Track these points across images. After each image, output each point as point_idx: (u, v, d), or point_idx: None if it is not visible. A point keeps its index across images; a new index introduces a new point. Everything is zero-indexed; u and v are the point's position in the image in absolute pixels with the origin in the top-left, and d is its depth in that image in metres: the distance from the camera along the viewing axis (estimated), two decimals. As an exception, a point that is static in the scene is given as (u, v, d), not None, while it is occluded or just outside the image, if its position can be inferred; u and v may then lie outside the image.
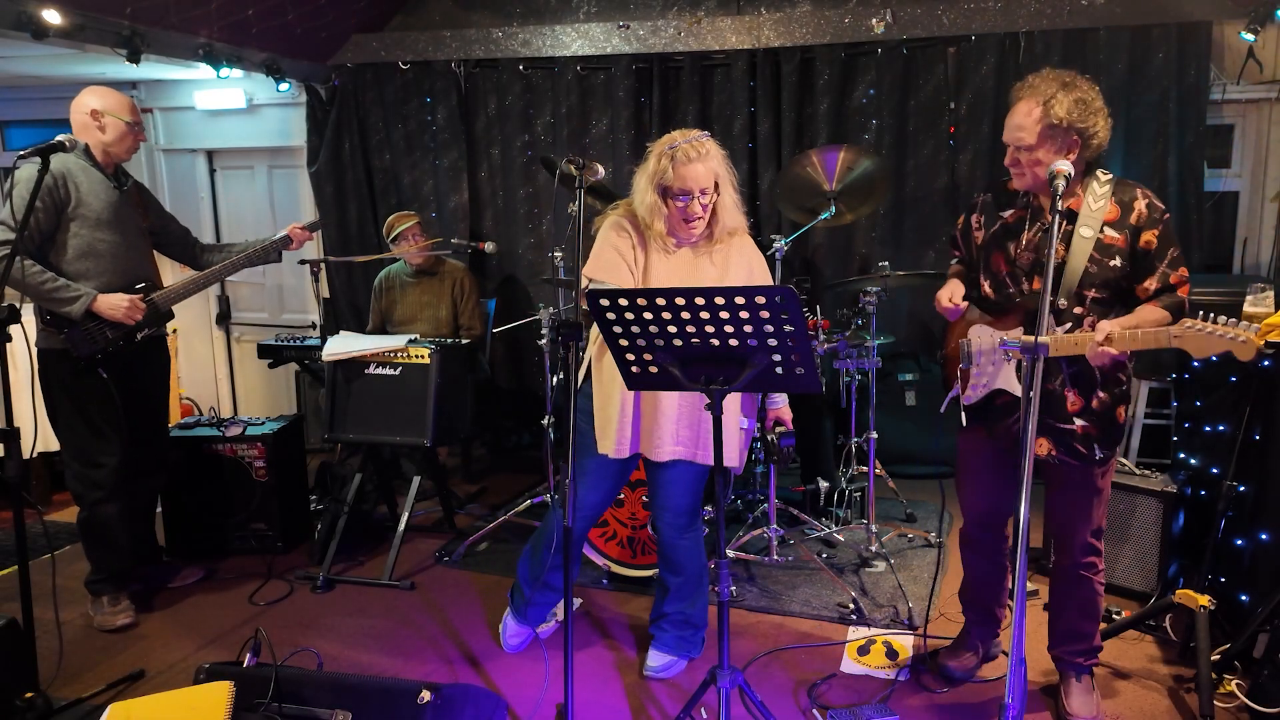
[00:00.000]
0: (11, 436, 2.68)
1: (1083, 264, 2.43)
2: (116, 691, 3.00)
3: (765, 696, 2.81)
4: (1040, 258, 2.48)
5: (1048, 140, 2.39)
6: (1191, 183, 4.42)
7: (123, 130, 3.38)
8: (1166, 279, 2.41)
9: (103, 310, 3.28)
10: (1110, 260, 2.43)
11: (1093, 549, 2.66)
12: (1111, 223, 2.43)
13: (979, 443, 2.74)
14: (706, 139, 2.69)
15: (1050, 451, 2.57)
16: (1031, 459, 2.03)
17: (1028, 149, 2.42)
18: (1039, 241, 2.51)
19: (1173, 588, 3.21)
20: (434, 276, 4.79)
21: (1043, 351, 2.03)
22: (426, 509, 4.56)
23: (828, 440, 4.38)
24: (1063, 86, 2.38)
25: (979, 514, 2.84)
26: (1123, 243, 2.42)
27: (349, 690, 2.38)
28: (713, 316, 2.15)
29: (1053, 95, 2.37)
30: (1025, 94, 2.43)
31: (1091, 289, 2.45)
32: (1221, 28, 4.33)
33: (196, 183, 6.07)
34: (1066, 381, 2.51)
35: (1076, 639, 2.75)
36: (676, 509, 2.92)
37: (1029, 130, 2.40)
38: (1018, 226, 2.57)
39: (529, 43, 5.21)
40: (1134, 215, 2.42)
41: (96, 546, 3.45)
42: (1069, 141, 2.39)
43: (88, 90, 3.38)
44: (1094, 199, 2.44)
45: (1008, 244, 2.58)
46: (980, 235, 2.68)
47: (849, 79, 4.84)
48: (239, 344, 6.24)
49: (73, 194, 3.25)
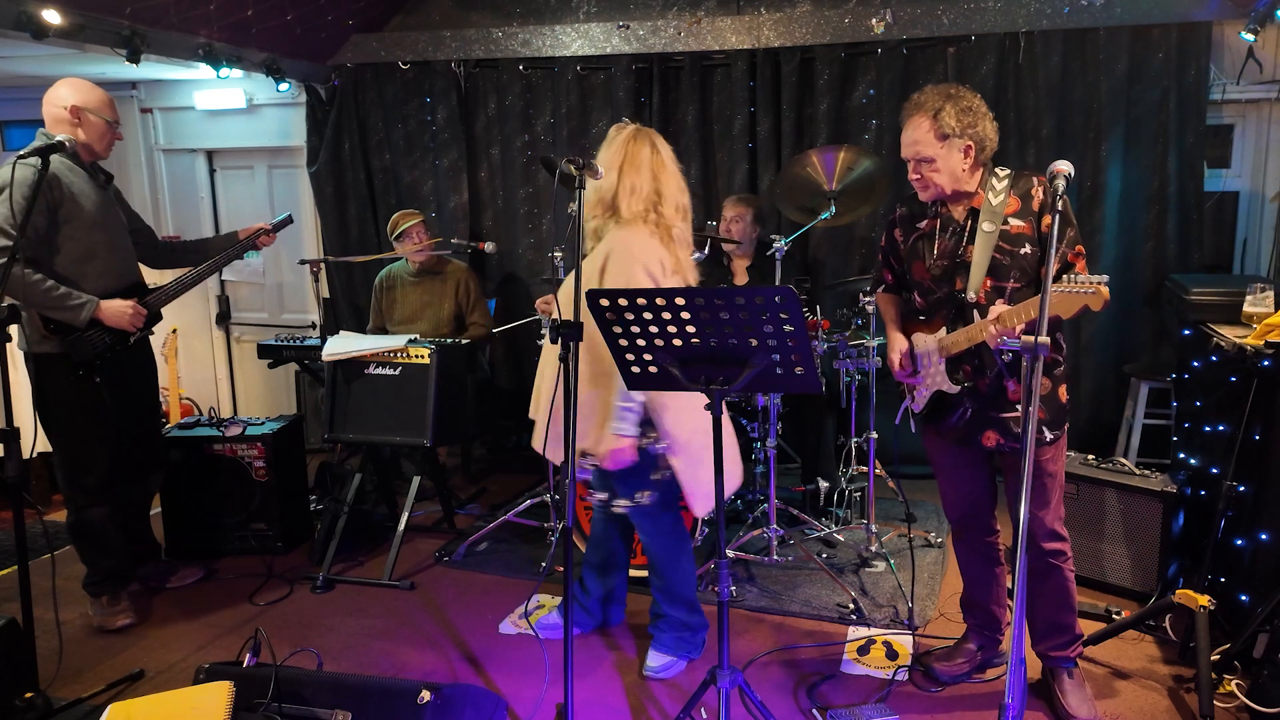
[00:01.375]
0: (11, 436, 2.67)
1: (987, 257, 2.54)
2: (116, 691, 3.00)
3: (765, 696, 2.81)
4: (955, 259, 2.62)
5: (941, 149, 2.54)
6: (1191, 183, 4.42)
7: (103, 129, 3.31)
8: (1064, 258, 2.52)
9: (108, 318, 3.26)
10: (1020, 249, 2.55)
11: (1056, 535, 2.71)
12: (1015, 213, 2.56)
13: (937, 443, 2.85)
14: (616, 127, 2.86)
15: (999, 441, 2.65)
16: (1031, 459, 2.04)
17: (927, 161, 2.57)
18: (950, 246, 2.63)
19: (1173, 588, 3.21)
20: (437, 276, 4.79)
21: (1042, 351, 2.03)
22: (426, 509, 4.56)
23: (828, 440, 4.38)
24: (948, 98, 2.55)
25: (955, 510, 2.92)
26: (1029, 230, 2.55)
27: (349, 690, 2.38)
28: (712, 316, 2.15)
29: (940, 107, 2.53)
30: (913, 111, 2.59)
31: (1009, 280, 2.55)
32: (1221, 28, 4.33)
33: (196, 183, 6.06)
34: (1004, 373, 2.60)
35: (1057, 631, 2.78)
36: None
37: (924, 143, 2.55)
38: (930, 235, 2.69)
39: (529, 43, 5.21)
40: (1034, 202, 2.56)
41: (88, 548, 3.45)
42: (963, 148, 2.54)
43: (64, 83, 3.27)
44: (993, 195, 2.58)
45: (924, 252, 2.70)
46: (904, 248, 2.79)
47: (849, 79, 4.84)
48: (239, 344, 6.24)
49: (64, 195, 3.18)
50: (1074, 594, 2.76)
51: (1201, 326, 3.56)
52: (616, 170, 2.77)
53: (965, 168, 2.58)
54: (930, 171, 2.58)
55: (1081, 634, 2.82)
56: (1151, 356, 4.56)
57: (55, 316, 3.20)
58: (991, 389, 2.63)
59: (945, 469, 2.88)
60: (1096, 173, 4.51)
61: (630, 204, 2.76)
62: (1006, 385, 2.62)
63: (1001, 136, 4.63)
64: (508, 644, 3.31)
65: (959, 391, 2.66)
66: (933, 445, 2.88)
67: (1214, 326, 3.48)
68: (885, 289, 2.97)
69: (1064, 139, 4.53)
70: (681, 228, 2.85)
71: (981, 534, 2.89)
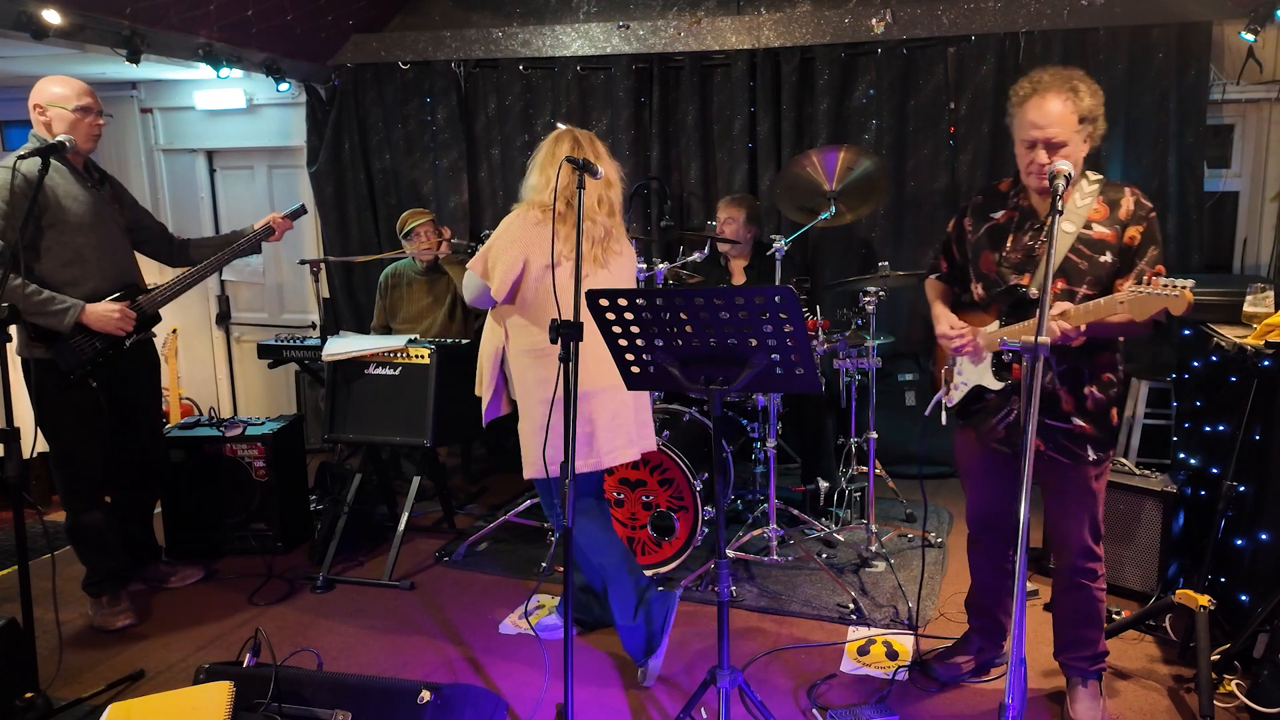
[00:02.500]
0: (11, 437, 2.67)
1: (1061, 257, 2.42)
2: (116, 691, 3.00)
3: (765, 696, 2.81)
4: (1028, 255, 2.49)
5: (1075, 133, 2.35)
6: (1191, 183, 4.42)
7: (70, 119, 3.16)
8: (1142, 277, 2.37)
9: (92, 322, 3.18)
10: (1101, 256, 2.42)
11: (1090, 554, 2.63)
12: (1100, 220, 2.43)
13: (970, 444, 2.74)
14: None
15: (1039, 447, 2.53)
16: (1031, 458, 2.02)
17: (1058, 145, 2.34)
18: (1026, 240, 2.51)
19: (1173, 588, 3.21)
20: (444, 274, 4.79)
21: (1043, 351, 2.02)
22: (426, 509, 4.56)
23: (828, 440, 4.38)
24: (1078, 78, 2.35)
25: (979, 515, 2.84)
26: (1113, 238, 2.42)
27: (349, 690, 2.38)
28: (712, 317, 2.15)
29: (1075, 86, 2.33)
30: (1043, 89, 2.35)
31: (1082, 285, 2.43)
32: (1221, 28, 4.33)
33: (196, 183, 6.07)
34: (1056, 379, 2.49)
35: (1079, 645, 2.74)
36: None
37: (1062, 124, 2.33)
38: (1007, 226, 2.56)
39: (529, 43, 5.21)
40: (1121, 211, 2.42)
41: (86, 550, 3.45)
42: (1088, 134, 2.37)
43: (37, 84, 3.17)
44: (1080, 196, 2.45)
45: (998, 243, 2.57)
46: (972, 237, 2.68)
47: (849, 79, 4.84)
48: (239, 344, 6.24)
49: (48, 199, 3.10)
50: (1102, 613, 2.70)
51: (1201, 326, 3.56)
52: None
53: (1081, 157, 2.39)
54: (1059, 157, 2.34)
55: (1105, 651, 2.76)
56: (1151, 356, 4.55)
57: (39, 322, 3.12)
58: (1042, 394, 2.42)
59: (973, 473, 2.78)
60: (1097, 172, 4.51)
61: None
62: (1059, 393, 2.50)
63: (1001, 136, 4.70)
64: (508, 644, 3.31)
65: (1002, 390, 2.56)
66: (964, 446, 2.77)
67: (1214, 326, 3.48)
68: (938, 277, 2.83)
69: (1064, 139, 4.52)
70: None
71: (1000, 544, 2.81)
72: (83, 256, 3.22)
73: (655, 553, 3.75)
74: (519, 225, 2.87)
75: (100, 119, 3.29)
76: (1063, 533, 2.66)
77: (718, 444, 2.37)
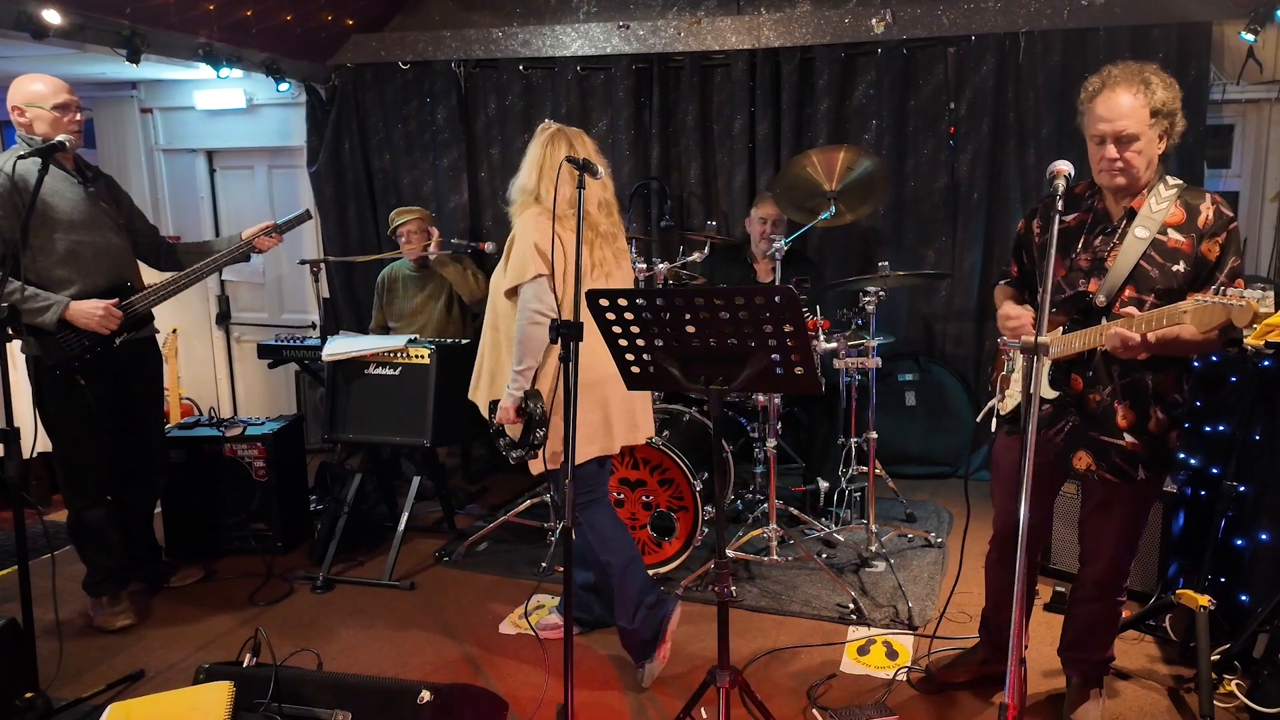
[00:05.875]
0: (11, 436, 2.67)
1: (1131, 264, 2.31)
2: (116, 691, 3.00)
3: (765, 696, 2.80)
4: (1095, 261, 2.40)
5: (1148, 128, 2.26)
6: (1191, 183, 4.40)
7: (50, 117, 3.14)
8: (1221, 290, 2.24)
9: (76, 319, 3.18)
10: (1174, 265, 2.29)
11: (1123, 571, 2.58)
12: (1176, 226, 2.31)
13: (1014, 452, 2.57)
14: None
15: (1090, 466, 2.45)
16: (1032, 458, 1.95)
17: (1130, 139, 2.25)
18: (1096, 244, 2.41)
19: (1173, 588, 3.21)
20: (436, 272, 4.79)
21: (1043, 351, 1.99)
22: (426, 509, 4.57)
23: (828, 440, 4.38)
24: (1151, 71, 2.28)
25: (1006, 528, 2.70)
26: (1188, 247, 2.29)
27: (349, 690, 2.38)
28: (712, 317, 2.15)
29: (1148, 79, 2.25)
30: (1114, 82, 2.27)
31: (1150, 294, 2.30)
32: (1221, 28, 4.33)
33: (196, 183, 6.06)
34: (1117, 393, 2.38)
35: (1088, 648, 2.72)
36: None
37: (1135, 117, 2.24)
38: (1078, 230, 2.46)
39: (529, 43, 5.21)
40: (1200, 219, 2.30)
41: (87, 549, 3.44)
42: (1163, 130, 2.29)
43: (13, 84, 3.14)
44: (1157, 200, 2.33)
45: (1067, 247, 2.46)
46: (1039, 240, 2.57)
47: (849, 79, 4.84)
48: (239, 344, 6.24)
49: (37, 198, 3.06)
50: (1118, 625, 2.68)
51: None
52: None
53: (1157, 154, 2.30)
54: (1132, 153, 2.25)
55: (1112, 657, 2.74)
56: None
57: (26, 320, 3.12)
58: (1100, 407, 2.39)
59: (1009, 481, 2.60)
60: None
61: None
62: (1116, 406, 2.38)
63: (1001, 136, 4.71)
64: (508, 644, 3.31)
65: (1057, 399, 2.45)
66: (1006, 453, 2.63)
67: (1214, 326, 3.47)
68: (1008, 282, 2.71)
69: (1064, 139, 4.53)
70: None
71: (1026, 556, 2.76)
72: (76, 255, 3.22)
73: (655, 553, 3.75)
74: (546, 225, 2.83)
75: (79, 114, 3.26)
76: (1097, 545, 2.59)
77: (718, 444, 2.37)
